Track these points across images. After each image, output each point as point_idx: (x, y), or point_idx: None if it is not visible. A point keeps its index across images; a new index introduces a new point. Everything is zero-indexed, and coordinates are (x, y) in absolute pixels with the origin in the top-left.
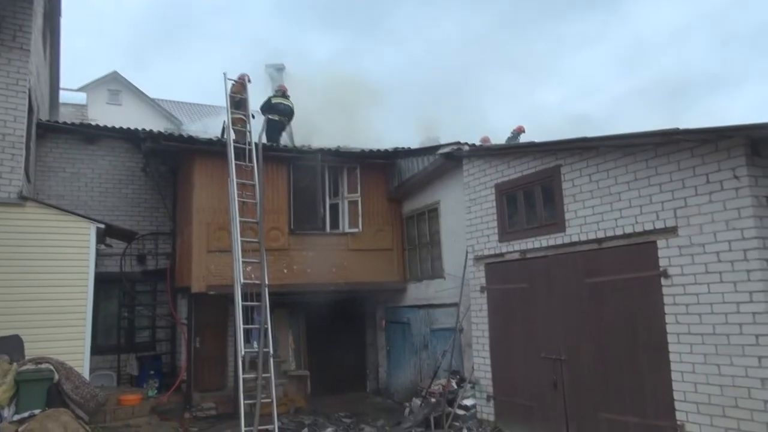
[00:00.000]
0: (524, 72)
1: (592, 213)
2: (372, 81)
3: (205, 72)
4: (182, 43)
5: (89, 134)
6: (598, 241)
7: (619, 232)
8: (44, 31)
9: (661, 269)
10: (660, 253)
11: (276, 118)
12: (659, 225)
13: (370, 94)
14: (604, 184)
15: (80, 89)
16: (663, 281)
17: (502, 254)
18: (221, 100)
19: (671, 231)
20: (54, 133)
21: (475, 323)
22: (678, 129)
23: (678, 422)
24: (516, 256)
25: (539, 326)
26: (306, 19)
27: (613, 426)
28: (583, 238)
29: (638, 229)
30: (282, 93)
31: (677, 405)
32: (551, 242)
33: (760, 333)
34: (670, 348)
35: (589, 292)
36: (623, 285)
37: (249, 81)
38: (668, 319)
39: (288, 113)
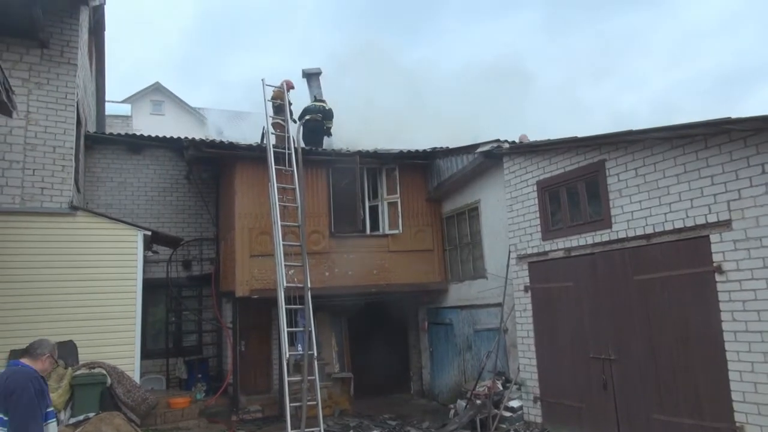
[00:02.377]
0: (570, 70)
1: (640, 208)
2: (417, 80)
3: (251, 80)
4: (229, 52)
5: (134, 144)
6: (647, 236)
7: (668, 227)
8: (90, 45)
9: (715, 265)
10: (713, 247)
11: (307, 117)
12: (712, 219)
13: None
14: (652, 178)
15: (125, 101)
16: (717, 277)
17: (545, 252)
18: (262, 106)
19: (725, 224)
20: (101, 144)
21: (519, 323)
22: (729, 118)
23: (737, 424)
24: (560, 254)
25: (586, 325)
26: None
27: (667, 428)
28: (631, 234)
29: (689, 223)
30: (315, 100)
31: (736, 406)
32: (597, 239)
33: None
34: (727, 346)
35: (638, 290)
36: (674, 282)
37: (292, 87)
38: (724, 316)
39: (320, 111)
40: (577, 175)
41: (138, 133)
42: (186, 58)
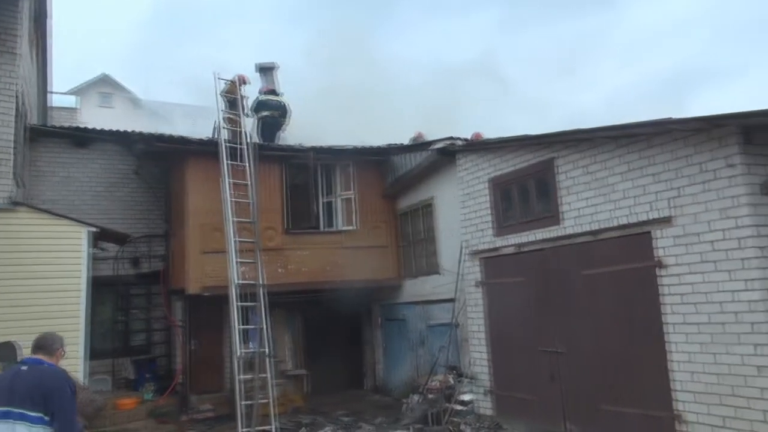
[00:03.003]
0: (528, 69)
1: (588, 205)
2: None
3: (206, 74)
4: (186, 45)
5: (81, 138)
6: (594, 233)
7: (614, 223)
8: (32, 34)
9: (656, 259)
10: (655, 243)
11: (267, 113)
12: (654, 215)
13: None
14: (600, 176)
15: (71, 92)
16: (658, 271)
17: (497, 248)
18: (214, 100)
19: (666, 221)
20: (45, 137)
21: (471, 318)
22: (671, 118)
23: (676, 412)
24: (512, 250)
25: (536, 319)
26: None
27: (612, 417)
28: (579, 230)
29: (633, 219)
30: (271, 91)
31: (675, 395)
32: (547, 235)
33: (755, 321)
34: (667, 338)
35: (586, 284)
36: (619, 276)
37: (247, 82)
38: (664, 309)
39: (279, 108)
40: (528, 173)
41: (85, 126)
42: (139, 51)
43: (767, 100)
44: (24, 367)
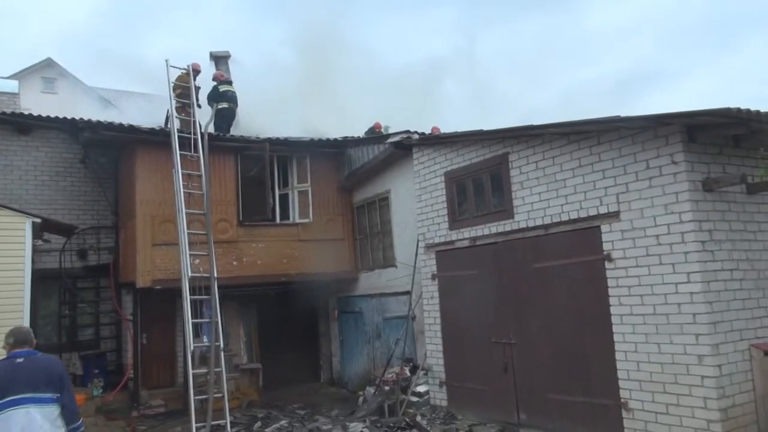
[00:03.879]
0: (484, 66)
1: (539, 199)
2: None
3: (156, 61)
4: (137, 32)
5: (22, 124)
6: (545, 227)
7: (565, 217)
8: None
9: (604, 253)
10: (603, 237)
11: (226, 105)
12: (603, 210)
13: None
14: (551, 171)
15: (11, 77)
16: (606, 264)
17: (452, 242)
18: (167, 88)
19: (614, 216)
20: None
21: (427, 311)
22: (619, 116)
23: (622, 400)
24: (466, 243)
25: (490, 311)
26: (266, 12)
27: (562, 406)
28: (531, 224)
29: (583, 214)
30: (226, 80)
31: (621, 383)
32: (500, 229)
33: (696, 312)
34: (614, 329)
35: (537, 277)
36: (569, 269)
37: (199, 71)
38: (612, 301)
39: (234, 99)
40: (482, 167)
41: (26, 112)
42: (87, 35)
43: (711, 102)
44: (20, 359)
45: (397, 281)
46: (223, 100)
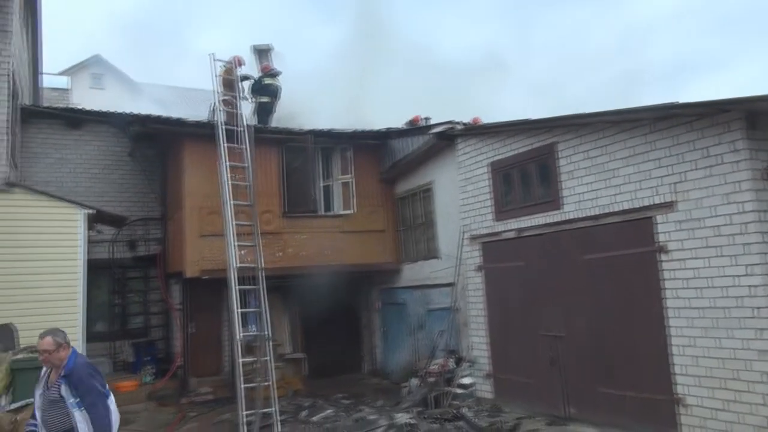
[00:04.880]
0: (520, 55)
1: (589, 190)
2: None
3: (202, 58)
4: (185, 29)
5: (74, 119)
6: (595, 217)
7: (616, 208)
8: (24, 12)
9: (659, 244)
10: (658, 228)
11: (266, 99)
12: (657, 200)
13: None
14: (601, 161)
15: (62, 73)
16: (661, 256)
17: (497, 233)
18: (212, 83)
19: (669, 206)
20: (38, 118)
21: (471, 302)
22: (677, 103)
23: (677, 396)
24: (512, 234)
25: (536, 304)
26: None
27: (612, 400)
28: (580, 215)
29: (636, 204)
30: (272, 74)
31: (677, 379)
32: (547, 220)
33: (757, 306)
34: (670, 322)
35: (586, 269)
36: (620, 261)
37: (242, 64)
38: (667, 293)
39: (277, 93)
40: (529, 157)
41: (80, 108)
42: (134, 32)
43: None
44: None
45: (440, 273)
46: (265, 94)
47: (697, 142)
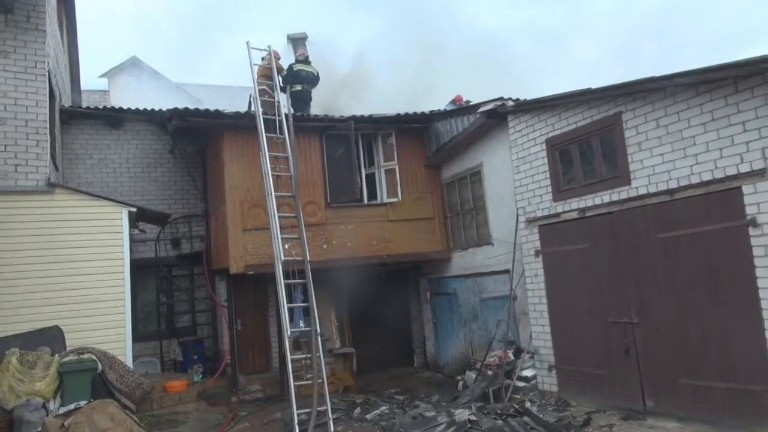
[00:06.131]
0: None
1: (662, 161)
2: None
3: (238, 55)
4: (220, 32)
5: (114, 118)
6: (670, 192)
7: (695, 180)
8: (60, 14)
9: (748, 217)
10: (746, 199)
11: (299, 87)
12: (744, 168)
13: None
14: (675, 128)
15: (101, 76)
16: (751, 231)
17: (557, 214)
18: (249, 79)
19: (759, 174)
20: (78, 119)
21: (530, 290)
22: (766, 56)
23: None
24: (574, 215)
25: (605, 289)
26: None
27: (697, 392)
28: (653, 189)
29: (718, 174)
30: (304, 59)
31: None
32: (615, 197)
33: None
34: (763, 304)
35: (663, 248)
36: (703, 238)
37: (278, 57)
38: (759, 272)
39: (311, 80)
40: (590, 131)
41: (119, 107)
42: (171, 34)
43: None
44: None
45: (494, 260)
46: (297, 81)
47: None
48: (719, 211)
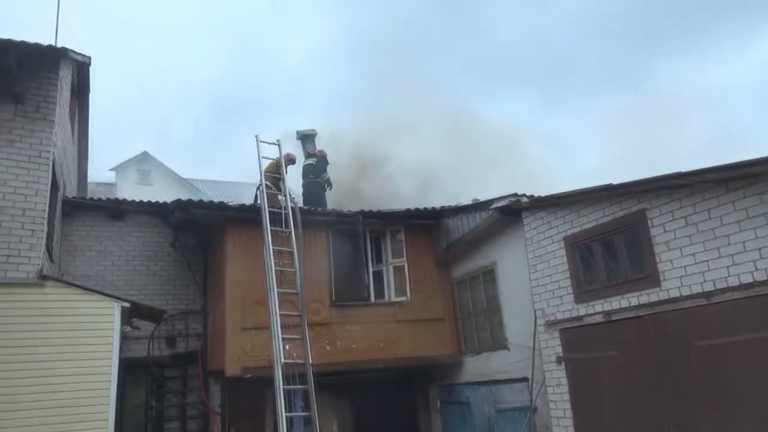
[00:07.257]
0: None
1: (694, 261)
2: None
3: (247, 151)
4: (229, 129)
5: (117, 210)
6: (706, 295)
7: (733, 282)
8: (72, 106)
9: None
10: None
11: (302, 181)
12: None
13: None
14: (706, 227)
15: (110, 170)
16: None
17: (580, 317)
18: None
19: None
20: (80, 210)
21: (553, 401)
22: None
23: None
24: (599, 318)
25: (638, 401)
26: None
27: None
28: (686, 292)
29: (759, 277)
30: (310, 154)
31: None
32: (643, 300)
33: None
34: None
35: (701, 358)
36: (748, 347)
37: (293, 161)
38: None
39: (310, 172)
40: (612, 228)
41: (122, 199)
42: (182, 131)
43: None
44: None
45: (510, 366)
46: (304, 174)
47: None
48: (766, 316)
